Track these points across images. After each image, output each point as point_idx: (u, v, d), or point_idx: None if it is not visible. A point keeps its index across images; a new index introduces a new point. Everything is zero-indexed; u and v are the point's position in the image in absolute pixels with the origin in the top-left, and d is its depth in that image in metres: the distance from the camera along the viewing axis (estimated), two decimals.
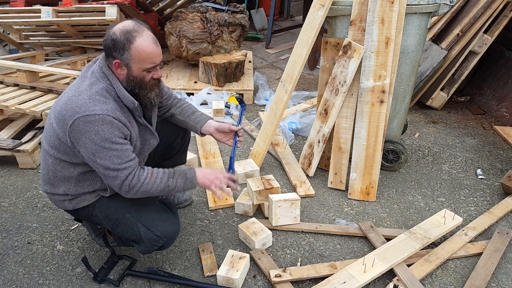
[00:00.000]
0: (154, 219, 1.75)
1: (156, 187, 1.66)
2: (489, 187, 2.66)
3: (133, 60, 1.55)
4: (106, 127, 1.54)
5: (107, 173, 1.59)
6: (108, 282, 1.87)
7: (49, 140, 1.69)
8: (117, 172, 1.58)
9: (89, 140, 1.54)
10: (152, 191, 1.66)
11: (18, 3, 4.34)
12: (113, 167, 1.57)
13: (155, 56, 1.57)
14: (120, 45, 1.53)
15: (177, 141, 2.13)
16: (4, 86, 3.30)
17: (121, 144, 1.58)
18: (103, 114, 1.53)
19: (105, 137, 1.54)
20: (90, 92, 1.57)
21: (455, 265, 2.01)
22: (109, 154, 1.56)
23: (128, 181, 1.61)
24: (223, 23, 4.15)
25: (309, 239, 2.18)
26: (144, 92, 1.65)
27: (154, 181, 1.65)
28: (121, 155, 1.58)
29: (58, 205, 1.80)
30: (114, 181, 1.61)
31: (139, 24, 1.57)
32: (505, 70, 3.80)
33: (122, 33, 1.53)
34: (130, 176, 1.61)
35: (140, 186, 1.62)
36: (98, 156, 1.56)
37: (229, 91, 3.90)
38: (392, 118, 2.67)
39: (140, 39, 1.53)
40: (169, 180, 1.68)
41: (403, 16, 2.31)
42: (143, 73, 1.60)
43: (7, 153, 2.72)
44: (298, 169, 2.75)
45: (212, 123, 2.03)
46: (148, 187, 1.64)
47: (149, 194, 1.66)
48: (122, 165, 1.58)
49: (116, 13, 3.55)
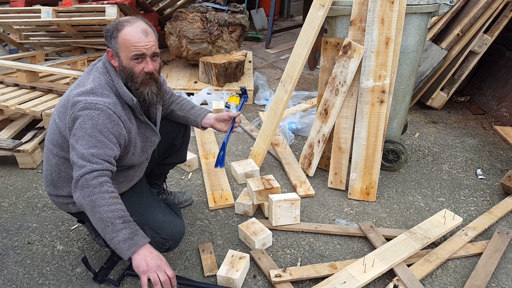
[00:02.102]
0: (161, 222, 1.75)
1: (102, 211, 1.44)
2: (489, 187, 2.66)
3: (119, 47, 1.57)
4: (102, 117, 1.52)
5: (78, 161, 1.48)
6: (108, 282, 1.87)
7: (52, 138, 1.69)
8: (88, 162, 1.47)
9: (79, 125, 1.50)
10: (95, 210, 1.45)
11: (18, 3, 4.33)
12: (87, 155, 1.47)
13: (141, 44, 1.54)
14: (109, 33, 1.58)
15: (178, 138, 2.13)
16: (4, 86, 3.30)
17: (108, 139, 1.52)
18: (104, 105, 1.54)
19: (96, 124, 1.50)
20: (94, 84, 1.59)
21: (455, 265, 2.01)
22: (91, 141, 1.49)
23: (90, 176, 1.46)
24: (223, 23, 4.15)
25: (309, 239, 2.18)
26: (135, 86, 1.61)
27: (107, 203, 1.45)
28: (101, 148, 1.49)
29: (62, 208, 1.79)
30: (78, 169, 1.47)
31: (136, 17, 1.60)
32: (505, 70, 3.80)
33: (114, 22, 1.59)
34: (95, 173, 1.47)
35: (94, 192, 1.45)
36: (80, 141, 1.49)
37: (229, 91, 3.91)
38: (392, 118, 2.67)
39: (128, 28, 1.55)
40: (96, 213, 1.44)
41: (403, 16, 2.31)
42: (131, 62, 1.57)
43: (7, 153, 2.72)
44: (298, 169, 2.75)
45: (211, 115, 2.05)
46: (97, 202, 1.45)
47: (91, 210, 1.46)
48: (96, 158, 1.48)
49: (116, 13, 3.55)
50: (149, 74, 1.61)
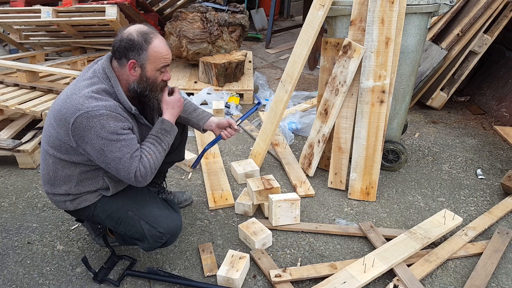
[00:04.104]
0: (157, 216, 1.76)
1: (160, 159, 1.68)
2: (489, 187, 2.66)
3: (149, 60, 1.61)
4: (111, 121, 1.55)
5: (119, 166, 1.58)
6: (108, 282, 1.87)
7: (48, 140, 1.68)
8: (129, 162, 1.58)
9: (95, 136, 1.54)
10: (158, 164, 1.68)
11: (18, 3, 4.34)
12: (124, 158, 1.57)
13: (168, 56, 1.66)
14: (138, 45, 1.59)
15: (176, 137, 2.12)
16: (4, 86, 3.30)
17: (126, 134, 1.59)
18: (106, 108, 1.55)
19: (111, 130, 1.54)
20: (90, 89, 1.58)
21: (455, 265, 2.01)
22: (117, 145, 1.56)
23: (139, 171, 1.60)
24: (223, 23, 4.15)
25: (309, 239, 2.18)
26: (154, 94, 1.70)
27: (155, 158, 1.66)
28: (129, 145, 1.59)
29: (60, 206, 1.80)
30: (126, 174, 1.60)
31: (152, 28, 1.66)
32: (505, 70, 3.80)
33: (139, 34, 1.59)
34: (140, 165, 1.60)
35: (148, 171, 1.62)
36: (107, 150, 1.56)
37: (229, 91, 3.90)
38: (392, 118, 2.67)
39: (157, 40, 1.61)
40: (161, 146, 1.70)
41: (403, 16, 2.31)
42: (156, 73, 1.65)
43: (7, 153, 2.72)
44: (298, 169, 2.75)
45: (213, 120, 2.07)
46: (155, 165, 1.65)
47: (158, 168, 1.69)
48: (133, 154, 1.58)
49: (116, 13, 3.55)
50: (166, 82, 1.74)
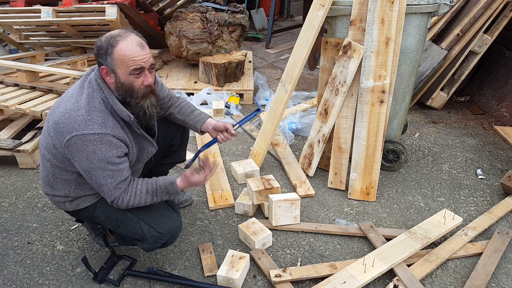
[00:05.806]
0: (156, 216, 1.75)
1: (143, 205, 1.70)
2: (489, 187, 2.66)
3: (116, 64, 1.51)
4: (104, 147, 1.53)
5: (100, 189, 1.64)
6: (108, 282, 1.87)
7: (46, 145, 1.67)
8: (111, 191, 1.62)
9: (86, 158, 1.55)
10: (139, 205, 1.70)
11: (18, 3, 4.34)
12: (107, 186, 1.60)
13: (139, 58, 1.51)
14: (103, 50, 1.51)
15: (177, 138, 2.13)
16: (4, 86, 3.30)
17: (117, 164, 1.58)
18: (101, 133, 1.52)
19: (101, 157, 1.54)
20: (89, 107, 1.54)
21: (455, 265, 2.01)
22: (103, 174, 1.57)
23: (117, 201, 1.65)
24: (223, 23, 4.15)
25: (309, 239, 2.18)
26: (135, 101, 1.59)
27: (138, 202, 1.68)
28: (115, 175, 1.59)
29: (59, 206, 1.80)
30: (106, 197, 1.66)
31: (127, 30, 1.56)
32: (505, 70, 3.80)
33: (106, 38, 1.52)
34: (121, 197, 1.64)
35: (126, 206, 1.67)
36: (92, 174, 1.58)
37: (229, 91, 3.90)
38: (392, 118, 2.67)
39: (123, 42, 1.50)
40: (153, 199, 1.71)
41: (403, 16, 2.31)
42: (130, 77, 1.54)
43: (7, 153, 2.72)
44: (298, 169, 2.75)
45: (210, 122, 2.02)
46: (134, 205, 1.68)
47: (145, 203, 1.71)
48: (117, 185, 1.61)
49: (116, 13, 3.55)
50: (149, 87, 1.60)
